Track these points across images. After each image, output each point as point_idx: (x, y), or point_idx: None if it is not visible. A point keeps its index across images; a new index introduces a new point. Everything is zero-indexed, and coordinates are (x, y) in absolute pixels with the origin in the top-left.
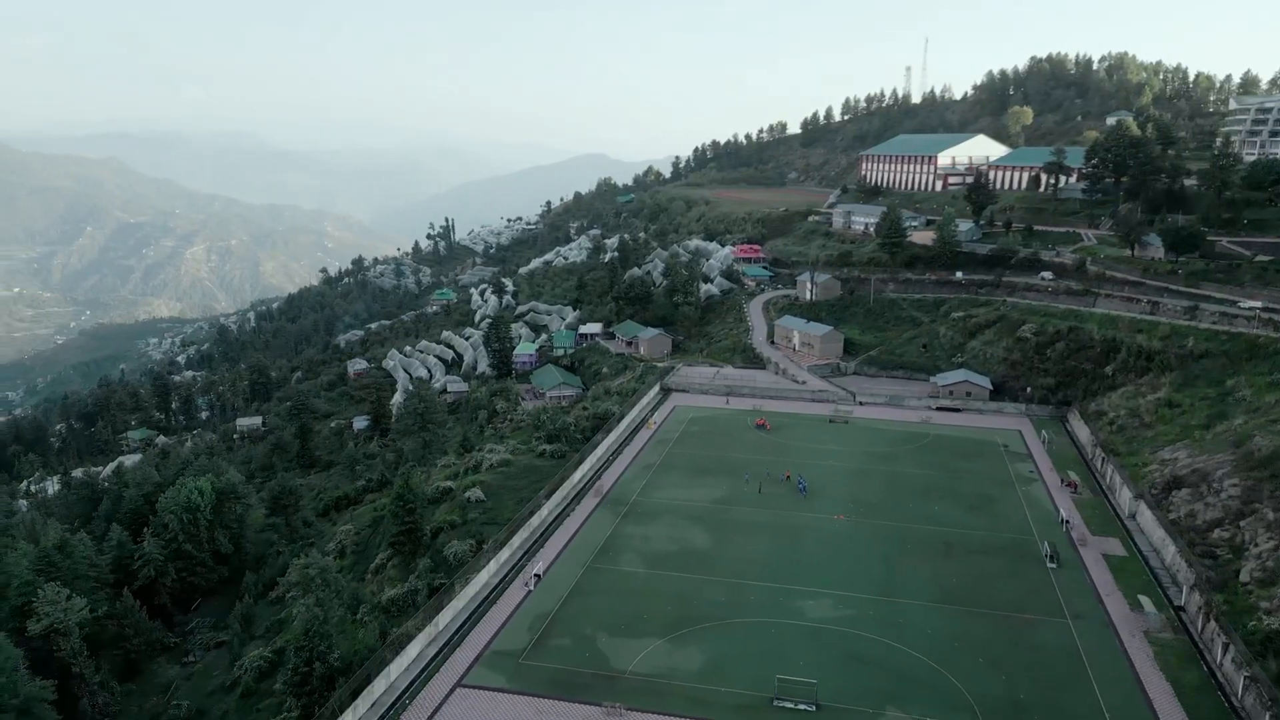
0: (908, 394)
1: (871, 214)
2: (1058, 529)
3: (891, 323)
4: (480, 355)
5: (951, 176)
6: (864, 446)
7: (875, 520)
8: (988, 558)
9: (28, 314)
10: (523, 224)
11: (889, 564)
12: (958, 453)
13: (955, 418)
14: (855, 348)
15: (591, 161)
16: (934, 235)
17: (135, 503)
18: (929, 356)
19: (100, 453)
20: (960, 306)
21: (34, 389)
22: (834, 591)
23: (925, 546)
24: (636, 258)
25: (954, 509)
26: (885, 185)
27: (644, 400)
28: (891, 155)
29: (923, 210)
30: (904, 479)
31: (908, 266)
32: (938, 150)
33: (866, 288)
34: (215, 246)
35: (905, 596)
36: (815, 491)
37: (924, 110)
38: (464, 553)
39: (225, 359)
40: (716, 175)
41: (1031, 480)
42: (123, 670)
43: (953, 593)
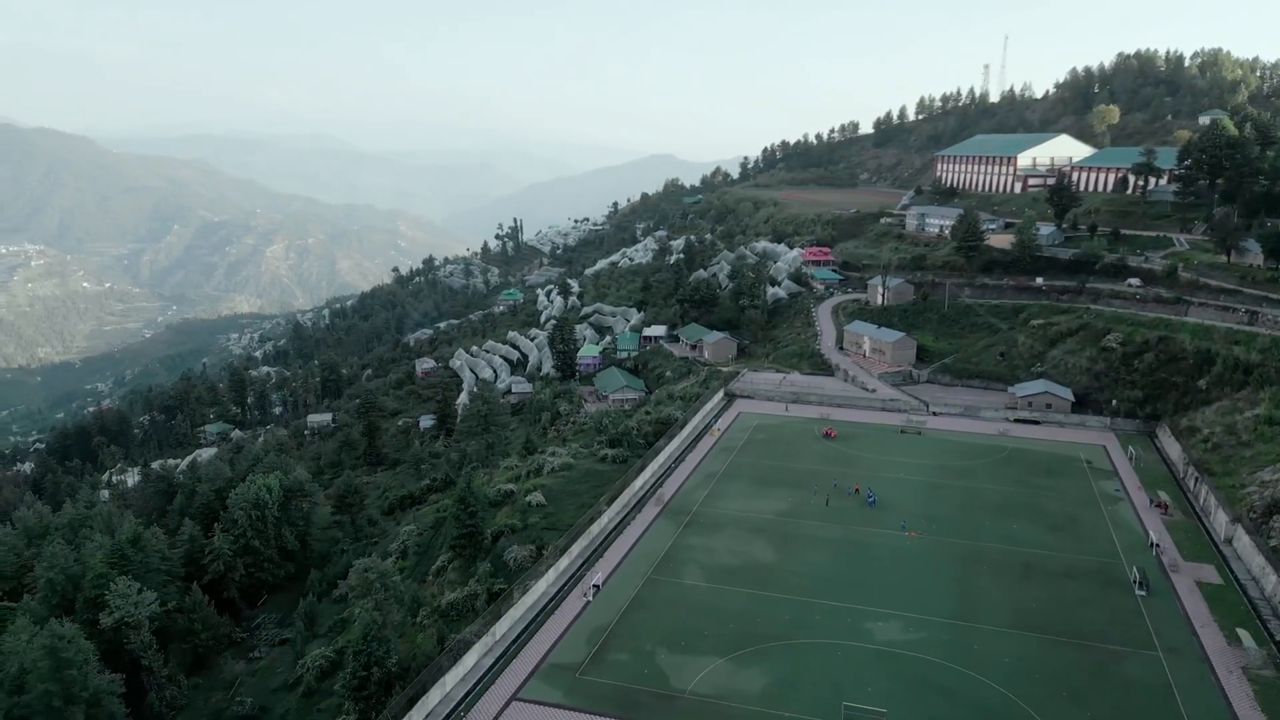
0: (984, 405)
1: (947, 216)
2: (1147, 553)
3: (967, 329)
4: (545, 356)
5: (1032, 178)
6: (937, 459)
7: (949, 538)
8: (1070, 582)
9: (118, 308)
10: (590, 225)
11: (963, 585)
12: (1037, 468)
13: (1035, 430)
14: (928, 355)
15: (659, 162)
16: (1013, 239)
17: (207, 498)
18: (1007, 365)
19: (179, 445)
20: (1040, 313)
21: (122, 380)
22: (904, 613)
23: (1002, 568)
24: (702, 259)
25: (1034, 528)
26: (961, 187)
27: (707, 406)
28: (968, 156)
29: (1001, 213)
30: (980, 495)
31: (985, 271)
32: (1017, 150)
33: (941, 292)
34: (294, 245)
35: (981, 621)
36: (885, 506)
37: (1002, 109)
38: (524, 558)
39: (300, 355)
40: (785, 176)
41: (1118, 499)
42: (190, 664)
43: (1032, 619)
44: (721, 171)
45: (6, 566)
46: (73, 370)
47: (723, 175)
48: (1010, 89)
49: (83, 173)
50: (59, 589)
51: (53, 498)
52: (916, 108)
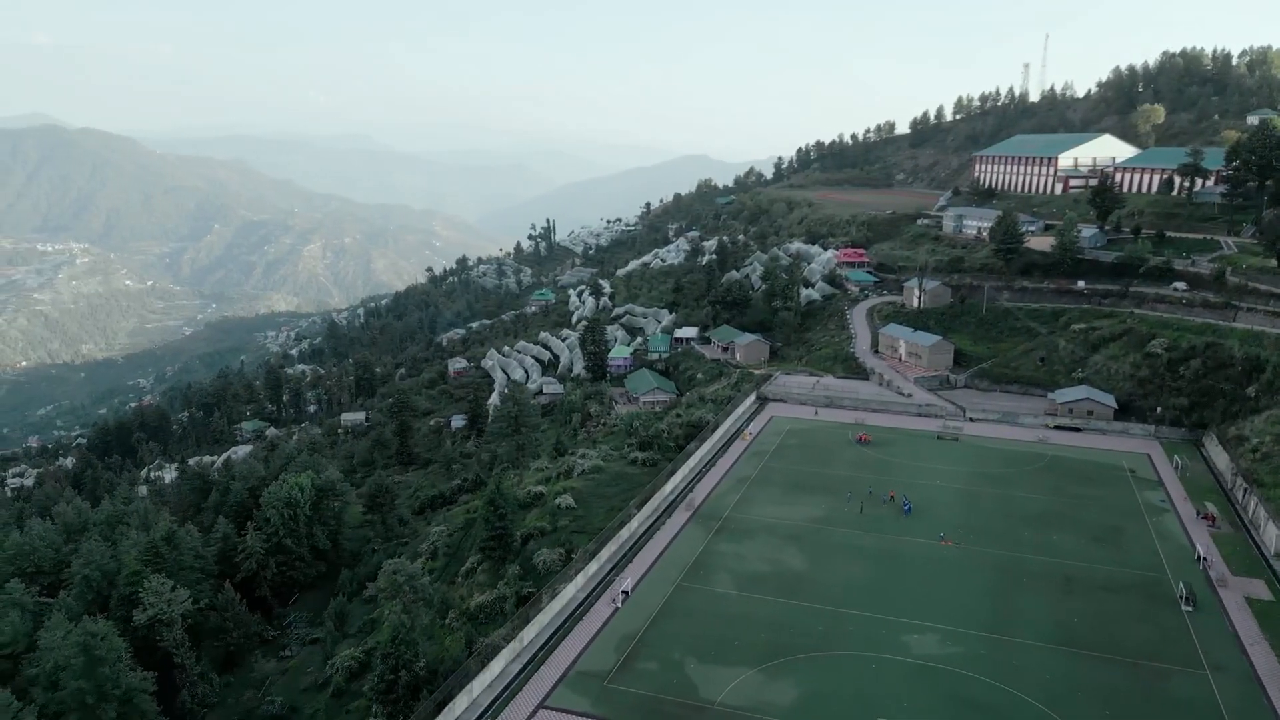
0: (1023, 410)
1: (985, 217)
2: (1193, 567)
3: (1005, 333)
4: (576, 357)
5: (1073, 179)
6: (975, 466)
7: (987, 548)
8: (1114, 596)
9: (159, 306)
10: (622, 225)
11: (1002, 598)
12: (1079, 477)
13: (1076, 438)
14: (966, 359)
15: (692, 163)
16: (1053, 241)
17: (241, 496)
18: (1046, 371)
19: (216, 442)
20: (1082, 318)
21: (163, 377)
22: (941, 625)
23: (1043, 580)
24: (735, 260)
25: (1075, 539)
26: (1000, 188)
27: (739, 409)
28: (1007, 156)
29: (1041, 214)
30: (1019, 504)
31: (1024, 274)
32: (1058, 151)
33: (979, 296)
34: (330, 244)
35: (1020, 635)
36: (921, 514)
37: (1043, 109)
38: (553, 561)
39: (335, 354)
40: (820, 176)
41: (1163, 511)
42: (222, 662)
43: (1074, 634)
44: (755, 172)
45: (45, 562)
46: (115, 367)
47: (756, 175)
48: (1051, 88)
49: (126, 173)
50: (95, 585)
51: (92, 493)
52: (954, 107)
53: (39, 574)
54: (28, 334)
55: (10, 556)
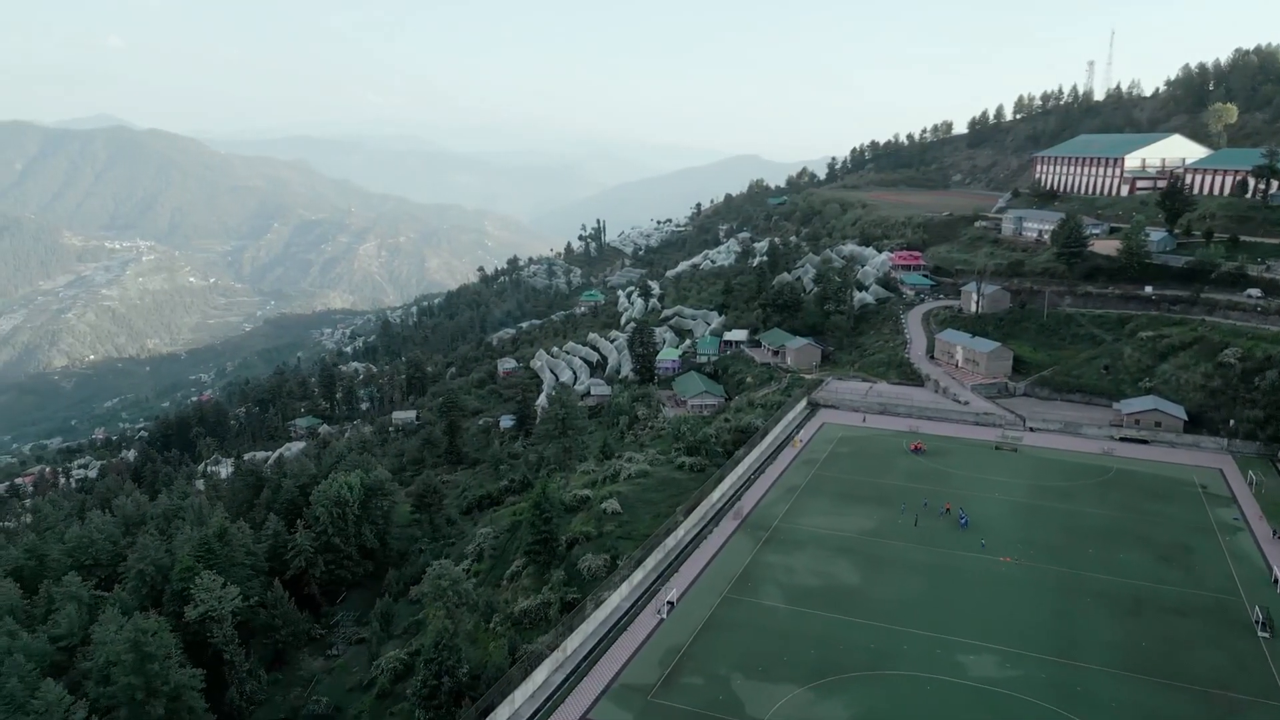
0: (1086, 421)
1: (1046, 220)
2: (1270, 590)
3: (1068, 340)
4: (624, 359)
5: (1140, 180)
6: (1035, 479)
7: (1049, 565)
8: (1184, 620)
9: (221, 302)
10: (672, 226)
11: (1065, 619)
12: (1146, 492)
13: (1142, 450)
14: (1026, 367)
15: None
16: (1119, 245)
17: (291, 493)
18: (1111, 380)
19: (271, 438)
20: (1149, 325)
21: (223, 372)
22: (1000, 647)
23: (1108, 601)
24: (786, 262)
25: (1143, 558)
26: (1062, 189)
27: (790, 415)
28: (1070, 157)
29: (1106, 217)
30: (1082, 519)
31: (1088, 279)
32: (1124, 151)
33: (1040, 301)
34: (385, 243)
35: (1084, 659)
36: (978, 528)
37: (1108, 108)
38: (598, 568)
39: (388, 352)
40: (874, 177)
41: (1236, 529)
42: (270, 659)
43: (1142, 659)
44: (808, 172)
45: (103, 555)
46: (178, 361)
47: (809, 176)
48: (1117, 87)
49: (191, 172)
50: (149, 580)
51: (151, 486)
52: (1014, 107)
53: (96, 566)
54: (96, 329)
55: (70, 549)
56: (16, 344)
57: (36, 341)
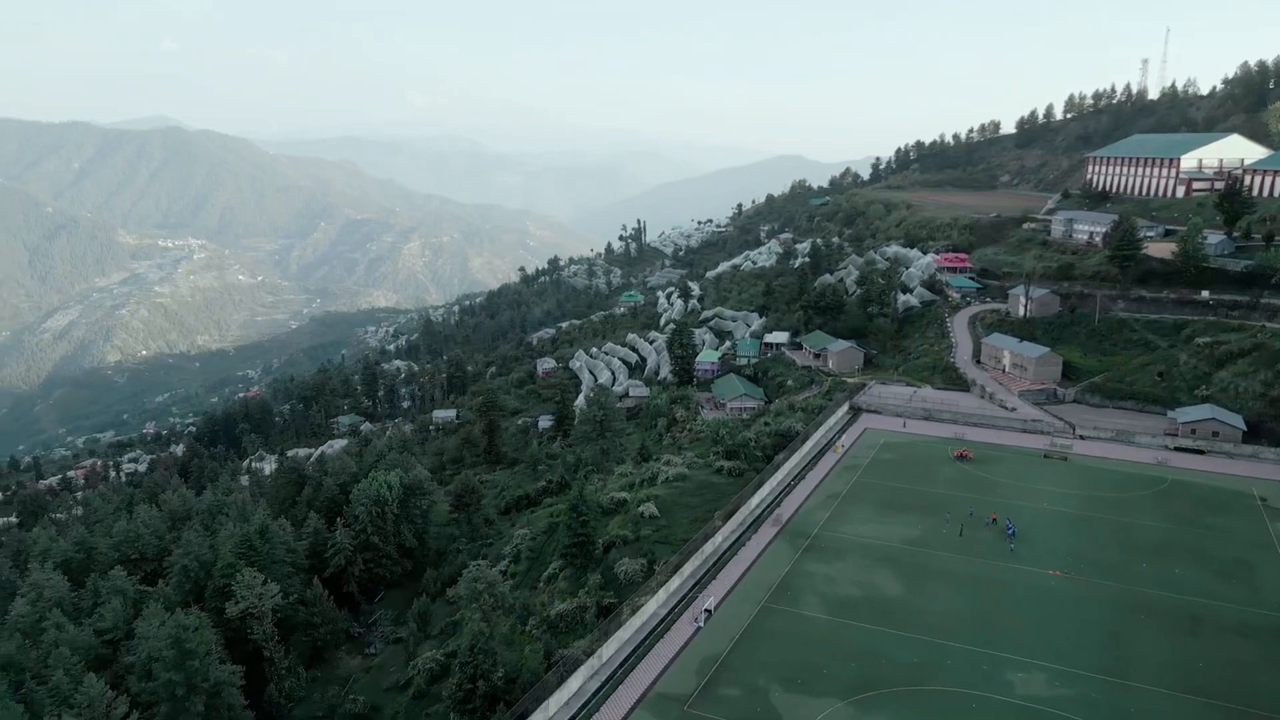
0: (1139, 429)
1: (1098, 222)
2: None
3: (1120, 346)
4: (663, 360)
5: (1197, 181)
6: (1085, 489)
7: (1100, 580)
8: (1245, 640)
9: (268, 300)
10: (713, 226)
11: (1117, 637)
12: (1203, 504)
13: (1199, 461)
14: (1075, 373)
15: (787, 163)
16: (1175, 248)
17: (332, 492)
18: (1166, 387)
19: (314, 435)
20: (1206, 330)
21: (270, 368)
22: (1048, 664)
23: (1164, 618)
24: (829, 264)
25: (1200, 574)
26: (1114, 190)
27: (831, 420)
28: (1123, 157)
29: (1160, 219)
30: (1135, 532)
31: (1141, 283)
32: (1180, 152)
33: (1091, 305)
34: (429, 242)
35: (1138, 680)
36: (1026, 539)
37: (1162, 107)
38: (634, 572)
39: (429, 350)
40: (919, 177)
41: None
42: (309, 657)
43: (1199, 680)
44: (851, 172)
45: (148, 549)
46: (227, 357)
47: (852, 176)
48: (1172, 85)
49: (241, 172)
50: (192, 575)
51: (197, 481)
52: (1065, 105)
53: (142, 560)
54: (149, 325)
55: (117, 543)
56: (73, 339)
57: (91, 337)
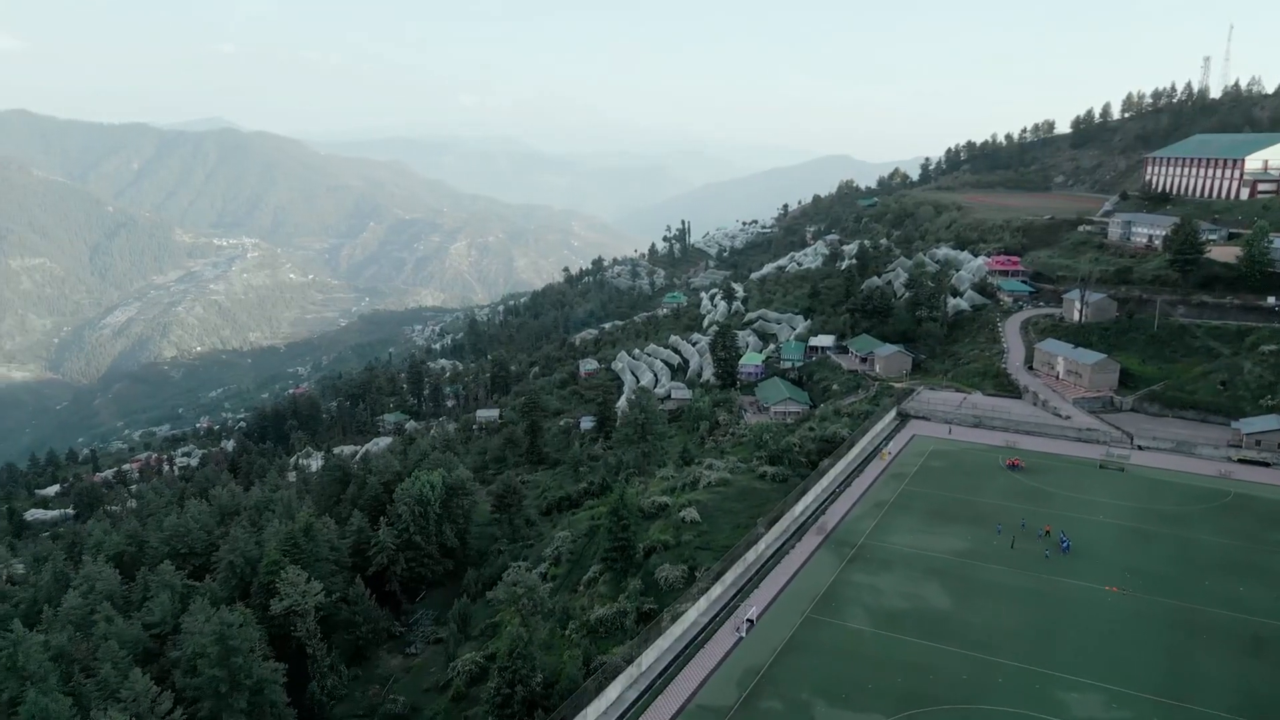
0: (1201, 440)
1: (1157, 225)
2: None
3: (1180, 353)
4: (706, 362)
5: (1262, 183)
6: (1144, 502)
7: (1159, 597)
8: None
9: (318, 298)
10: (758, 227)
11: (1178, 657)
12: (1269, 519)
13: (1265, 474)
14: (1133, 380)
15: (834, 163)
16: (1239, 252)
17: (375, 490)
18: (1229, 396)
19: (360, 432)
20: (1272, 338)
21: (319, 365)
22: (1105, 685)
23: (1227, 638)
24: (876, 266)
25: (1266, 592)
26: (1175, 192)
27: (878, 426)
28: (1184, 158)
29: (1223, 222)
30: (1197, 548)
31: (1203, 288)
32: (1245, 153)
33: (1150, 310)
34: (475, 242)
35: (1200, 703)
36: (1081, 553)
37: (1225, 106)
38: (675, 579)
39: (474, 349)
40: (970, 178)
41: None
42: (350, 655)
43: (1264, 705)
44: (900, 173)
45: (197, 544)
46: (278, 354)
47: (901, 177)
48: (1235, 83)
49: (293, 173)
50: (238, 571)
51: (246, 477)
52: (1122, 105)
53: (191, 555)
54: (204, 322)
55: (167, 537)
56: (131, 335)
57: (149, 333)
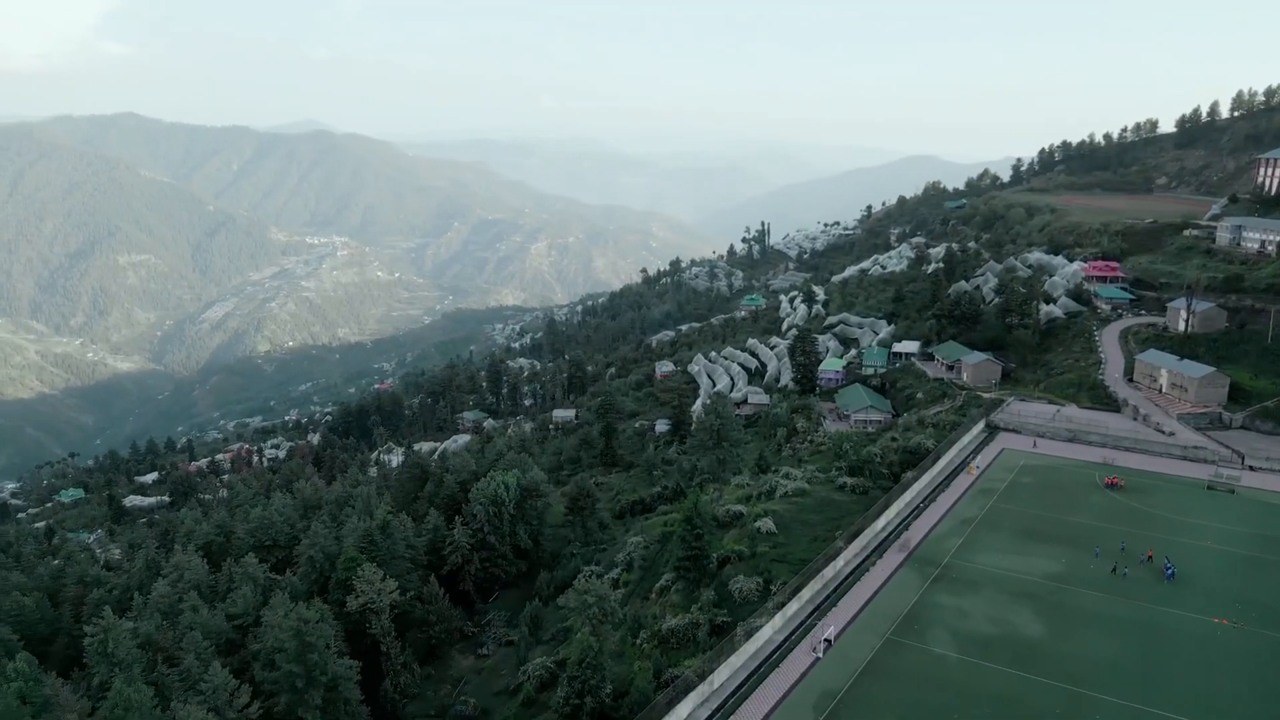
0: None
1: (1271, 230)
2: None
3: None
4: (784, 367)
5: None
6: (1256, 526)
7: (1274, 631)
8: None
9: (404, 296)
10: (840, 229)
11: None
12: None
13: None
14: (1244, 396)
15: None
16: None
17: (452, 489)
18: None
19: (439, 429)
20: None
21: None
22: None
23: None
24: (964, 270)
25: None
26: None
27: (965, 438)
28: None
29: None
30: None
31: None
32: None
33: (1263, 321)
34: (555, 243)
35: None
36: (1187, 581)
37: None
38: (750, 591)
39: (551, 349)
40: (1065, 179)
41: None
42: (423, 654)
43: None
44: (990, 174)
45: (280, 536)
46: (365, 350)
47: (991, 178)
48: None
49: (382, 174)
50: (318, 566)
51: (329, 471)
52: (1231, 103)
53: (275, 547)
54: (296, 317)
55: (252, 529)
56: (228, 329)
57: (244, 328)
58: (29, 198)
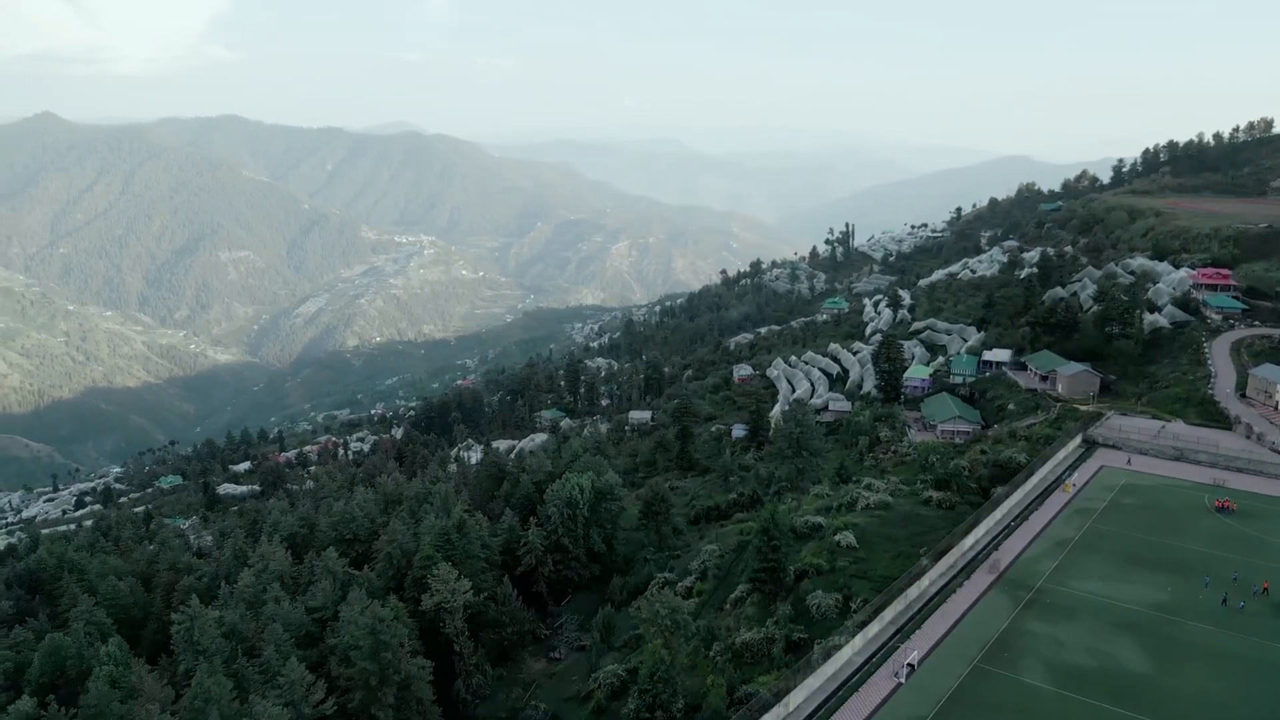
0: None
1: None
2: None
3: None
4: (867, 373)
5: None
6: None
7: None
8: None
9: (488, 294)
10: (928, 231)
11: None
12: None
13: None
14: None
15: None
16: None
17: (528, 489)
18: None
19: (518, 427)
20: None
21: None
22: None
23: None
24: (1060, 276)
25: None
26: None
27: (1060, 453)
28: None
29: None
30: None
31: None
32: None
33: None
34: (636, 243)
35: None
36: None
37: None
38: (828, 608)
39: (629, 350)
40: (1171, 182)
41: None
42: (496, 655)
43: None
44: (1088, 175)
45: (361, 531)
46: (448, 346)
47: (1089, 180)
48: None
49: (469, 174)
50: (395, 563)
51: (410, 466)
52: None
53: (355, 541)
54: (383, 314)
55: (334, 522)
56: (319, 324)
57: (334, 323)
58: (138, 196)
